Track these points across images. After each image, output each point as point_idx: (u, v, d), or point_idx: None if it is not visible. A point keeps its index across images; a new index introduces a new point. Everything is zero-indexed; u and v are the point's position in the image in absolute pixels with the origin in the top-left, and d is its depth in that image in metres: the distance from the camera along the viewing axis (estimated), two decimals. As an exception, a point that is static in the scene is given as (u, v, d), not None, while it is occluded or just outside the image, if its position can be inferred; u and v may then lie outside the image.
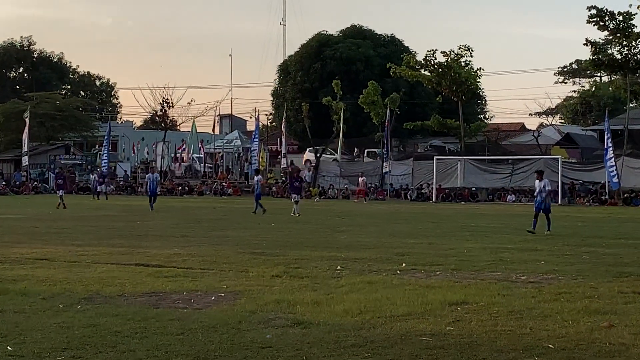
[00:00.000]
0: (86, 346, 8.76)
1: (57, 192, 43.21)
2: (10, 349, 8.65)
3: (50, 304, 11.34)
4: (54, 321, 10.07)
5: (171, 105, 71.71)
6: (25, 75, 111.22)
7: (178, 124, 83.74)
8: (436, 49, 58.46)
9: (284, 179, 63.22)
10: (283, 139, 64.30)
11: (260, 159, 63.51)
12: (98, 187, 55.94)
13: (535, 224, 24.57)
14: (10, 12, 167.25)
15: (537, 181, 26.12)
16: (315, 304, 11.32)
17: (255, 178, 39.21)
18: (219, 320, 10.15)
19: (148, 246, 19.87)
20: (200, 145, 72.71)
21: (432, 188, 53.80)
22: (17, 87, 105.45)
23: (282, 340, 9.07)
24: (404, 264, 16.05)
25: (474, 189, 53.68)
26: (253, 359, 8.25)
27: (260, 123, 69.92)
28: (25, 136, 65.78)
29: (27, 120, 65.73)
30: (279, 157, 67.73)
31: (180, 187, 63.60)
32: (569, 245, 20.70)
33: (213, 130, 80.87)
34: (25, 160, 66.39)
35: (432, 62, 58.63)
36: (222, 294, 12.29)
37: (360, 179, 55.20)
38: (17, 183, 64.55)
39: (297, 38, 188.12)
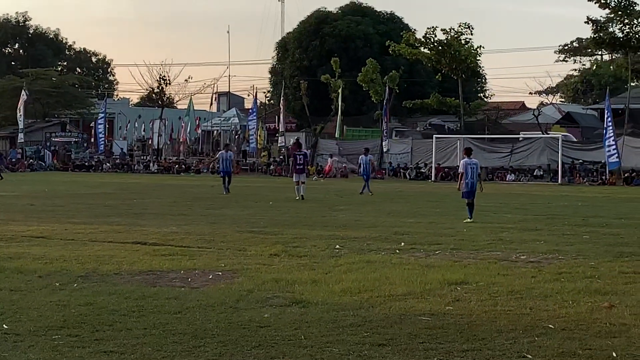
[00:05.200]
0: (83, 324, 8.72)
1: None
2: (6, 327, 8.62)
3: (46, 282, 11.30)
4: (51, 299, 10.03)
5: (168, 82, 71.43)
6: (21, 51, 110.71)
7: (175, 102, 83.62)
8: (436, 27, 58.11)
9: (281, 157, 63.10)
10: (281, 117, 63.93)
11: (259, 137, 63.33)
12: None
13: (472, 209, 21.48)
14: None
15: (466, 158, 21.90)
16: (314, 283, 11.29)
17: None
18: (216, 299, 10.11)
19: (145, 224, 19.77)
20: (197, 123, 72.43)
21: (431, 167, 53.60)
22: (13, 63, 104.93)
23: (280, 320, 9.02)
24: (402, 243, 15.99)
25: (473, 167, 53.41)
26: (251, 338, 8.18)
27: (258, 101, 69.57)
28: (20, 113, 65.44)
29: (22, 96, 65.32)
30: (277, 135, 67.48)
31: (177, 165, 63.42)
32: (569, 225, 20.63)
33: (210, 108, 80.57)
34: (20, 137, 66.13)
35: (432, 40, 58.30)
36: (220, 273, 12.24)
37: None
38: (13, 160, 64.25)
39: (296, 15, 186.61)
